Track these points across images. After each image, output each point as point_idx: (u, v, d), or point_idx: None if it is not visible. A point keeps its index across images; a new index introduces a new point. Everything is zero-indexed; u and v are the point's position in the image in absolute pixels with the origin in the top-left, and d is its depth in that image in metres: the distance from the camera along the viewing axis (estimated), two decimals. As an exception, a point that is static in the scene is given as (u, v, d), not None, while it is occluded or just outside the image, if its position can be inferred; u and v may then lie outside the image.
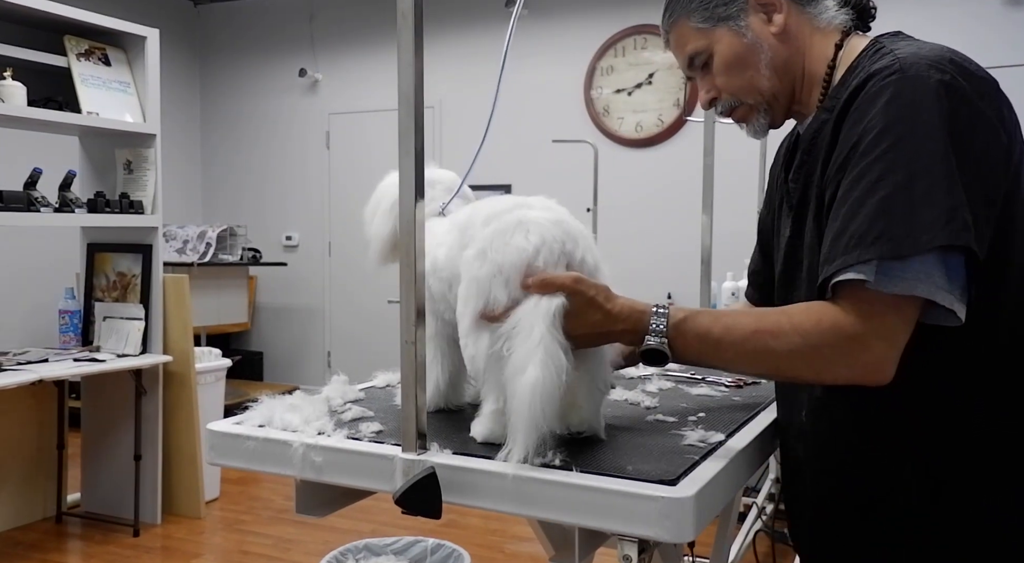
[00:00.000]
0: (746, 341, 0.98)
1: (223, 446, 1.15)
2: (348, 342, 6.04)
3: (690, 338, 1.00)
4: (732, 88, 1.13)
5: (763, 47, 1.10)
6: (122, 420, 3.60)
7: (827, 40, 1.11)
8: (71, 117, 3.27)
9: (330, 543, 2.98)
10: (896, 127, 0.92)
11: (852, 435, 1.06)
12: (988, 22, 4.22)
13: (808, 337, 0.94)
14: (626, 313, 1.02)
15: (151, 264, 3.55)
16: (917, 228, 0.89)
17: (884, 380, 0.93)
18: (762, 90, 1.12)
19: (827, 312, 0.94)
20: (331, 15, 6.02)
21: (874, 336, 0.91)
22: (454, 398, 1.26)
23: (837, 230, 0.94)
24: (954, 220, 0.89)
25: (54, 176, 3.28)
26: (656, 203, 4.98)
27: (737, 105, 1.15)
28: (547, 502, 0.93)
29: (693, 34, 1.14)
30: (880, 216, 0.90)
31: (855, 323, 0.92)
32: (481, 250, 1.06)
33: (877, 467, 1.03)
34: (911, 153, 0.91)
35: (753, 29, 1.10)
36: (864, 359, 0.92)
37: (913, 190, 0.90)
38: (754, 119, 1.15)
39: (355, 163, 5.92)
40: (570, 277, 1.02)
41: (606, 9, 5.12)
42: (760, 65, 1.11)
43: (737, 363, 1.01)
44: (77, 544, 3.46)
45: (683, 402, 1.36)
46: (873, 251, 0.90)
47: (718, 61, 1.12)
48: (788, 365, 0.96)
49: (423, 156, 0.98)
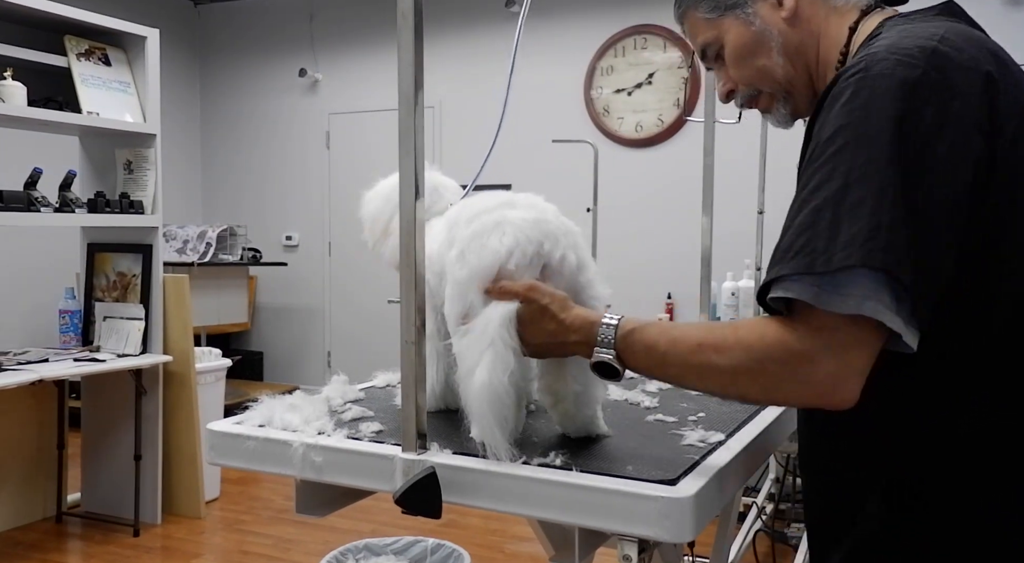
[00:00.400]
0: (691, 355, 0.92)
1: (223, 446, 1.15)
2: (348, 342, 6.04)
3: (637, 350, 0.96)
4: (746, 78, 1.09)
5: (773, 33, 1.05)
6: (122, 420, 3.60)
7: (844, 20, 1.04)
8: (71, 117, 3.27)
9: (330, 543, 2.98)
10: (843, 132, 0.86)
11: (823, 458, 1.02)
12: (988, 22, 4.18)
13: (752, 352, 0.88)
14: (579, 323, 0.99)
15: (151, 264, 3.55)
16: (835, 244, 0.82)
17: (842, 401, 0.85)
18: (777, 78, 1.07)
19: (772, 326, 0.87)
20: (331, 15, 6.02)
21: (823, 352, 0.84)
22: (452, 400, 1.26)
23: (778, 240, 0.89)
24: (874, 239, 0.81)
25: (54, 176, 3.28)
26: (656, 203, 4.98)
27: (756, 95, 1.11)
28: (547, 502, 0.93)
29: (702, 25, 1.10)
30: (807, 228, 0.84)
31: (802, 338, 0.85)
32: (461, 252, 1.07)
33: (844, 494, 0.98)
34: (850, 161, 0.84)
35: (761, 15, 1.05)
36: (813, 377, 0.85)
37: (843, 202, 0.83)
38: (775, 109, 1.11)
39: (355, 163, 5.92)
40: (524, 285, 1.02)
41: (606, 9, 5.12)
42: (771, 52, 1.06)
43: (684, 378, 0.95)
44: (77, 544, 3.46)
45: (683, 402, 1.36)
46: (790, 266, 0.84)
47: (728, 51, 1.09)
48: (732, 382, 0.90)
49: (423, 156, 0.98)
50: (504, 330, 0.97)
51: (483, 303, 1.02)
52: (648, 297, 4.73)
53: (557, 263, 1.06)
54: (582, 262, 1.09)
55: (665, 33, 4.93)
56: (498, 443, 0.96)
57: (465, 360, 0.99)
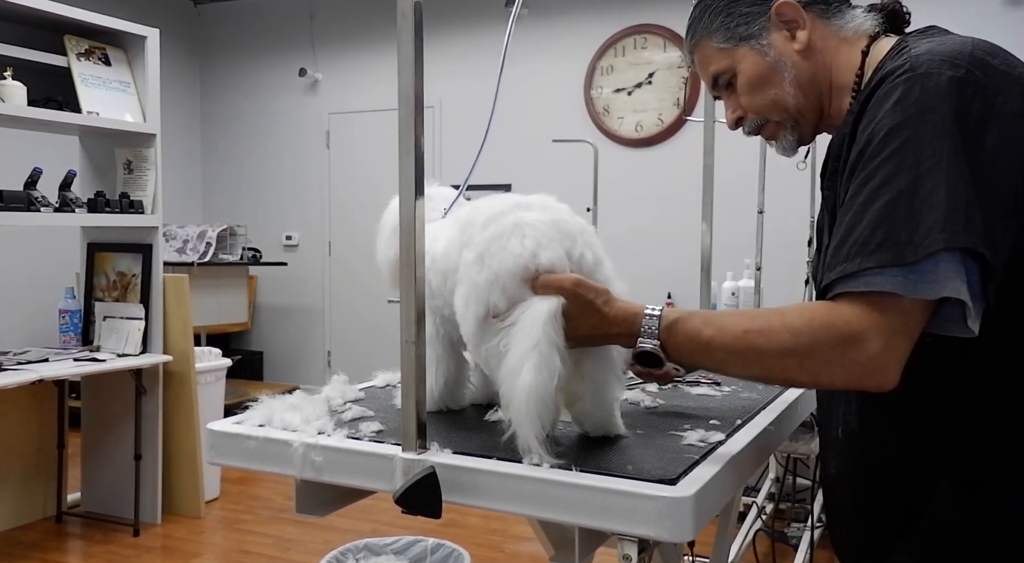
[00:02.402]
0: (737, 341, 0.95)
1: (223, 446, 1.15)
2: (348, 342, 6.04)
3: (681, 339, 0.99)
4: (757, 107, 1.12)
5: (787, 65, 1.08)
6: (122, 420, 3.60)
7: (854, 48, 1.08)
8: (71, 117, 3.27)
9: (330, 543, 2.98)
10: (902, 128, 0.90)
11: (884, 452, 1.03)
12: (988, 22, 4.21)
13: (799, 336, 0.91)
14: (621, 316, 1.02)
15: (151, 264, 3.55)
16: (919, 233, 0.86)
17: (885, 383, 0.89)
18: (787, 108, 1.10)
19: (820, 311, 0.92)
20: (331, 15, 6.02)
21: (870, 334, 0.88)
22: (453, 402, 1.26)
23: (840, 237, 0.92)
24: (954, 222, 0.85)
25: (54, 176, 3.28)
26: (656, 203, 4.98)
27: (764, 123, 1.14)
28: (547, 502, 0.93)
29: (715, 54, 1.12)
30: (883, 222, 0.88)
31: (850, 321, 0.89)
32: (479, 255, 1.06)
33: (909, 484, 1.00)
34: (916, 154, 0.88)
35: (776, 47, 1.08)
36: (859, 358, 0.88)
37: (917, 193, 0.87)
38: (782, 136, 1.14)
39: (355, 163, 5.92)
40: (571, 280, 1.02)
41: (606, 9, 5.12)
42: (784, 83, 1.09)
43: (729, 364, 0.98)
44: (77, 544, 3.46)
45: (683, 402, 1.36)
46: (875, 258, 0.87)
47: (742, 80, 1.11)
48: (779, 366, 0.93)
49: (423, 156, 0.98)
50: (550, 327, 0.97)
51: (509, 303, 1.02)
52: (648, 297, 4.66)
53: (577, 261, 1.07)
54: (599, 259, 1.10)
55: (665, 33, 4.93)
56: (536, 446, 0.95)
57: (509, 359, 0.97)
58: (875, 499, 1.05)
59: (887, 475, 1.03)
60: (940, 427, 0.98)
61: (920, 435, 0.99)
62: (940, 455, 0.98)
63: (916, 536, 1.00)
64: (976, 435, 0.96)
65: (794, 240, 3.83)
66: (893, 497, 1.03)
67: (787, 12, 1.08)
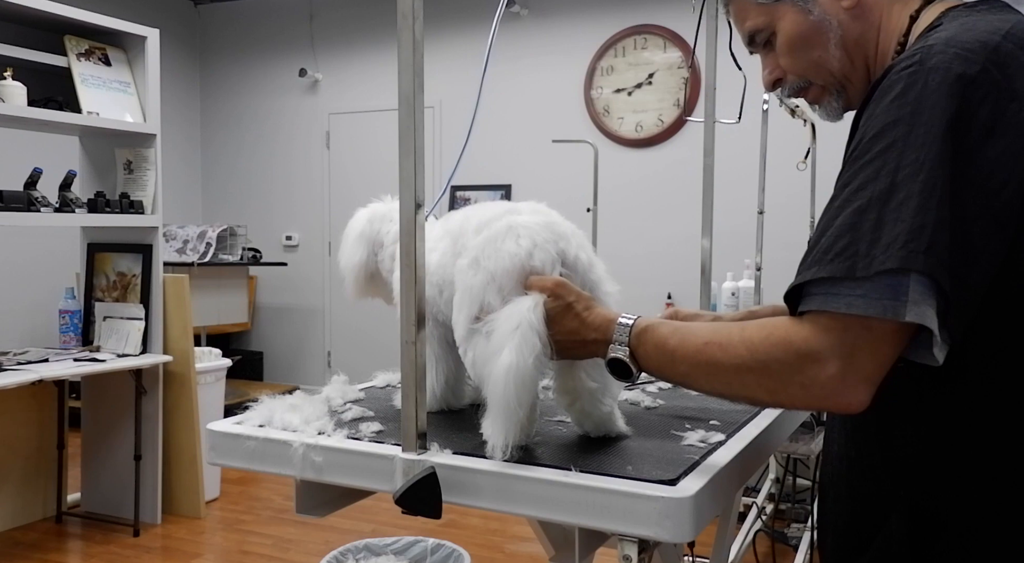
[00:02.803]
0: (698, 353, 0.91)
1: (223, 446, 1.15)
2: (348, 342, 6.04)
3: (649, 348, 0.95)
4: (798, 69, 1.03)
5: (832, 24, 0.99)
6: (122, 420, 3.60)
7: (905, 9, 0.98)
8: (71, 117, 3.27)
9: (330, 543, 2.98)
10: (892, 129, 0.82)
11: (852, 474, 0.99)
12: (988, 22, 4.21)
13: (755, 351, 0.86)
14: (598, 322, 0.99)
15: (151, 264, 3.55)
16: (879, 245, 0.79)
17: (851, 405, 0.83)
18: (832, 70, 1.01)
19: (780, 326, 0.85)
20: (331, 15, 6.02)
21: (827, 352, 0.81)
22: (453, 401, 1.27)
23: (812, 239, 0.86)
24: (916, 241, 0.77)
25: (54, 176, 3.28)
26: (656, 203, 4.98)
27: (806, 86, 1.05)
28: (547, 502, 0.93)
29: (753, 9, 1.03)
30: (849, 229, 0.81)
31: (807, 339, 0.82)
32: (474, 259, 1.06)
33: (868, 506, 0.96)
34: (898, 159, 0.80)
35: (821, 4, 0.99)
36: (817, 378, 0.82)
37: (888, 201, 0.80)
38: (826, 101, 1.05)
39: (355, 163, 5.92)
40: (553, 281, 1.02)
41: (606, 9, 5.12)
42: (828, 44, 0.99)
43: (692, 378, 0.94)
44: (77, 544, 3.46)
45: (683, 402, 1.36)
46: (828, 269, 0.81)
47: (781, 40, 1.02)
48: (738, 381, 0.88)
49: (423, 156, 0.98)
50: (532, 315, 0.96)
51: (502, 303, 1.02)
52: (648, 297, 4.73)
53: (572, 262, 1.07)
54: (591, 260, 1.10)
55: (665, 33, 4.93)
56: (510, 433, 0.94)
57: (490, 344, 0.97)
58: (842, 517, 1.01)
59: (849, 498, 0.99)
60: (902, 457, 0.91)
61: (882, 462, 0.94)
62: (897, 486, 0.92)
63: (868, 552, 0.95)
64: (933, 472, 0.89)
65: (794, 240, 3.83)
66: (854, 519, 0.98)
67: None
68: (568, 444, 1.08)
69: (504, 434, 0.95)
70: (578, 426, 1.12)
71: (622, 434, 1.11)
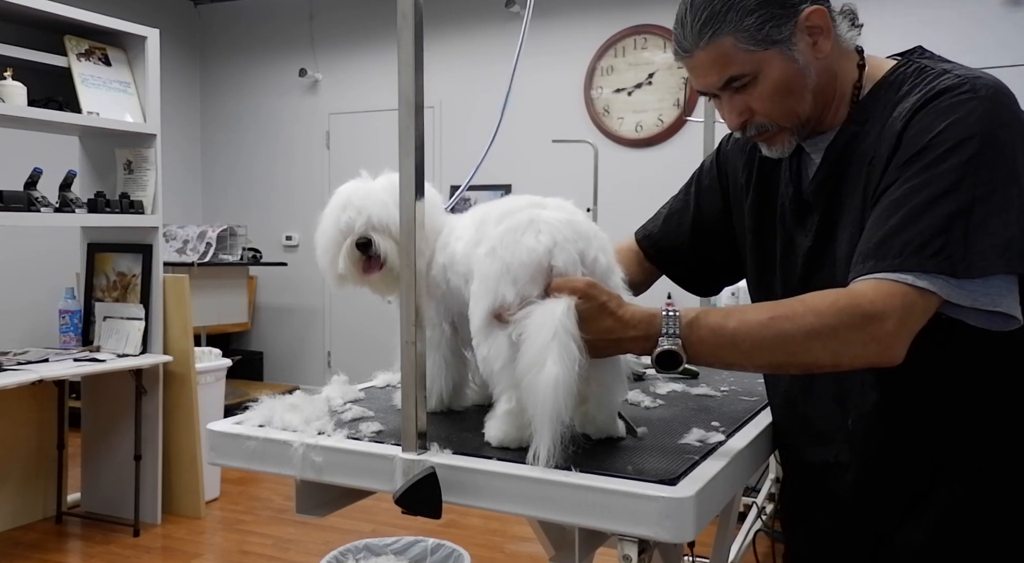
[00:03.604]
0: (762, 328, 0.97)
1: (223, 446, 1.15)
2: (348, 342, 6.04)
3: (704, 334, 0.99)
4: (774, 113, 1.10)
5: (810, 72, 1.08)
6: (122, 420, 3.60)
7: (849, 61, 1.12)
8: (71, 117, 3.27)
9: (330, 543, 2.98)
10: (968, 146, 0.95)
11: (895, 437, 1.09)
12: (987, 22, 4.21)
13: (823, 316, 0.95)
14: (637, 318, 1.00)
15: (151, 264, 3.55)
16: (974, 253, 0.94)
17: (895, 358, 0.96)
18: (802, 115, 1.10)
19: (844, 294, 0.97)
20: (331, 15, 6.02)
21: (889, 313, 0.94)
22: (456, 404, 1.27)
23: (889, 230, 0.97)
24: (1011, 248, 0.94)
25: (54, 176, 3.27)
26: (656, 203, 4.94)
27: (770, 128, 1.12)
28: (547, 502, 0.93)
29: (739, 55, 1.05)
30: (941, 232, 0.94)
31: (874, 301, 0.94)
32: (492, 248, 1.05)
33: (921, 461, 1.07)
34: (978, 174, 0.95)
35: (803, 53, 1.07)
36: (877, 334, 0.94)
37: (973, 214, 0.94)
38: (784, 141, 1.13)
39: (355, 163, 5.87)
40: (584, 282, 1.01)
41: (606, 9, 5.12)
42: (806, 90, 1.08)
43: (754, 354, 0.99)
44: (77, 544, 3.46)
45: (683, 402, 1.36)
46: (932, 264, 0.94)
47: (766, 85, 1.07)
48: (804, 348, 0.96)
49: (423, 156, 0.98)
50: (567, 320, 0.95)
51: (519, 297, 1.00)
52: (648, 297, 4.71)
53: (590, 264, 1.05)
54: (610, 264, 1.08)
55: (665, 33, 4.93)
56: (556, 439, 0.93)
57: (527, 353, 0.95)
58: (884, 481, 1.11)
59: (897, 457, 1.09)
60: (954, 410, 1.05)
61: (931, 417, 1.07)
62: (949, 435, 1.06)
63: (927, 512, 1.07)
64: (981, 419, 1.05)
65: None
66: (902, 477, 1.09)
67: (818, 20, 1.06)
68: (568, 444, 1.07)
69: (551, 441, 0.93)
70: (581, 428, 1.11)
71: (620, 437, 1.10)
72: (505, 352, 1.00)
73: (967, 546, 1.06)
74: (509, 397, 1.03)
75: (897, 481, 1.10)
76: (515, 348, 0.98)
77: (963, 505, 1.05)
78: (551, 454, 0.93)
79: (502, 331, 1.01)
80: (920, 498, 1.08)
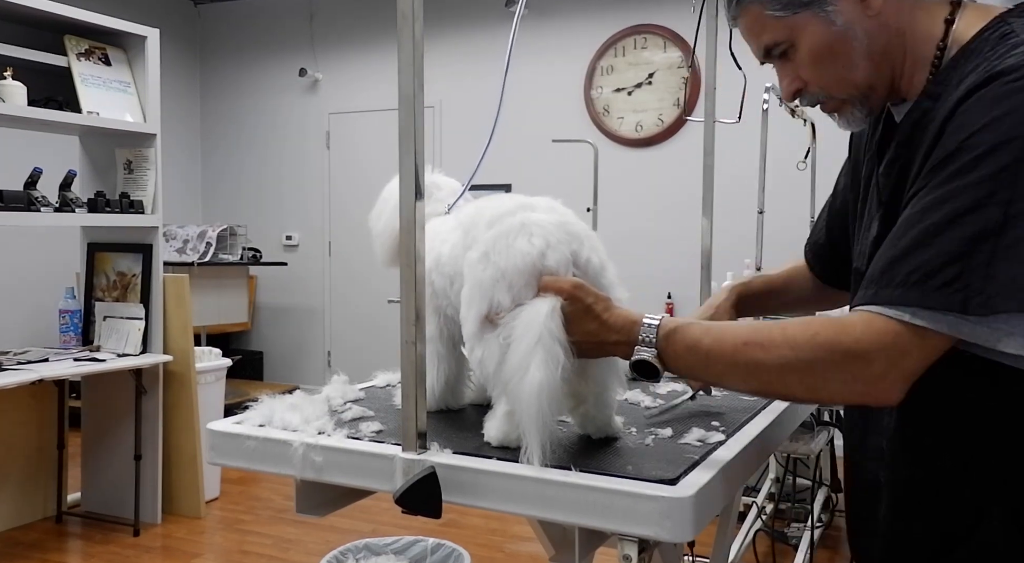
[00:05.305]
0: (736, 353, 0.91)
1: (223, 446, 1.15)
2: (348, 342, 6.04)
3: (680, 349, 0.95)
4: (823, 82, 0.99)
5: (857, 34, 0.95)
6: (122, 420, 3.60)
7: (933, 16, 0.95)
8: (71, 117, 3.27)
9: (330, 543, 2.98)
10: (1004, 150, 0.79)
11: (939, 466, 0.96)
12: (988, 22, 4.21)
13: (799, 351, 0.87)
14: (620, 324, 0.98)
15: (151, 264, 3.55)
16: (994, 283, 0.79)
17: (886, 401, 0.86)
18: (857, 83, 0.98)
19: (827, 326, 0.87)
20: (331, 15, 6.02)
21: (877, 354, 0.84)
22: (452, 401, 1.26)
23: (900, 252, 0.85)
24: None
25: (54, 176, 3.28)
26: (656, 203, 4.98)
27: (827, 98, 1.01)
28: (547, 502, 0.93)
29: (769, 22, 0.97)
30: (959, 258, 0.80)
31: (859, 340, 0.84)
32: (484, 253, 1.05)
33: (962, 502, 0.94)
34: (1012, 188, 0.79)
35: (844, 14, 0.94)
36: (861, 375, 0.85)
37: (1002, 237, 0.78)
38: (848, 112, 1.01)
39: (355, 163, 5.92)
40: (571, 282, 1.00)
41: (606, 9, 5.12)
42: (854, 55, 0.96)
43: (727, 377, 0.94)
44: (77, 544, 3.46)
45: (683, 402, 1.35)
46: (938, 299, 0.81)
47: (803, 53, 0.97)
48: (779, 381, 0.90)
49: (423, 156, 0.98)
50: (552, 323, 0.95)
51: (513, 302, 1.00)
52: (648, 297, 4.73)
53: (583, 265, 1.05)
54: (603, 263, 1.08)
55: (665, 33, 4.93)
56: (544, 440, 0.93)
57: (512, 357, 0.96)
58: (920, 516, 0.98)
59: (935, 495, 0.96)
60: (994, 452, 0.92)
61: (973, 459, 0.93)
62: (993, 481, 0.92)
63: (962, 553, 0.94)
64: None
65: (794, 240, 3.83)
66: (938, 518, 0.96)
67: None
68: (568, 444, 1.08)
69: (540, 444, 0.93)
70: (580, 428, 1.11)
71: (618, 436, 1.11)
72: (498, 355, 1.00)
73: None
74: (508, 399, 1.03)
75: (932, 520, 0.97)
76: (505, 350, 0.98)
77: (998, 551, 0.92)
78: (542, 457, 0.93)
79: (494, 334, 1.01)
80: (954, 544, 0.95)
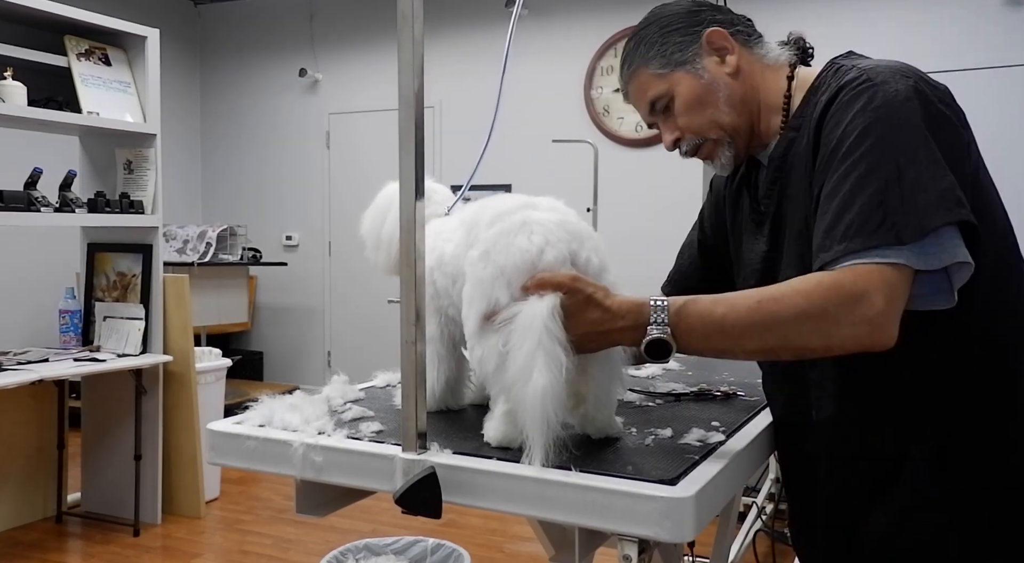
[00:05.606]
0: (752, 312, 0.97)
1: (223, 446, 1.15)
2: (348, 342, 6.04)
3: (694, 321, 0.98)
4: (695, 126, 1.19)
5: (720, 86, 1.18)
6: (122, 420, 3.60)
7: (778, 75, 1.20)
8: (71, 117, 3.27)
9: (330, 543, 2.98)
10: (876, 126, 0.99)
11: (860, 424, 1.11)
12: (988, 22, 4.21)
13: (811, 297, 0.95)
14: (625, 308, 1.00)
15: (151, 264, 3.55)
16: (915, 213, 0.95)
17: (888, 340, 0.95)
18: (723, 125, 1.19)
19: (825, 276, 0.97)
20: (331, 15, 6.02)
21: (874, 292, 0.94)
22: (452, 401, 1.26)
23: (829, 222, 0.99)
24: (947, 199, 0.96)
25: (54, 176, 3.28)
26: (656, 203, 4.98)
27: (701, 143, 1.21)
28: (547, 502, 0.93)
29: (653, 80, 1.20)
30: (878, 207, 0.96)
31: (856, 281, 0.94)
32: (484, 251, 1.05)
33: (885, 450, 1.09)
34: (894, 147, 0.98)
35: (709, 70, 1.18)
36: (867, 315, 0.94)
37: (902, 180, 0.96)
38: (719, 154, 1.21)
39: (355, 163, 5.92)
40: (567, 275, 1.01)
41: (606, 9, 5.12)
42: (719, 102, 1.18)
43: (744, 339, 0.98)
44: (77, 544, 3.46)
45: (683, 402, 1.36)
46: (878, 237, 0.95)
47: (679, 102, 1.19)
48: (796, 331, 0.96)
49: (423, 156, 0.98)
50: (551, 323, 0.95)
51: (512, 300, 1.00)
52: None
53: (583, 264, 1.06)
54: (603, 264, 1.09)
55: (665, 33, 4.93)
56: (548, 442, 0.94)
57: (514, 362, 0.96)
58: (850, 470, 1.13)
59: (861, 447, 1.11)
60: (911, 398, 1.07)
61: (892, 407, 1.08)
62: (910, 424, 1.07)
63: (891, 498, 1.08)
64: (943, 404, 1.06)
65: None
66: (867, 467, 1.11)
67: (716, 39, 1.18)
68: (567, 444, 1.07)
69: (544, 446, 0.93)
70: (580, 427, 1.11)
71: (618, 436, 1.11)
72: (498, 355, 1.00)
73: (927, 533, 1.07)
74: (506, 398, 1.03)
75: (861, 471, 1.12)
76: (505, 353, 0.98)
77: (925, 493, 1.06)
78: (544, 460, 0.93)
79: (495, 334, 1.01)
80: (885, 487, 1.09)
